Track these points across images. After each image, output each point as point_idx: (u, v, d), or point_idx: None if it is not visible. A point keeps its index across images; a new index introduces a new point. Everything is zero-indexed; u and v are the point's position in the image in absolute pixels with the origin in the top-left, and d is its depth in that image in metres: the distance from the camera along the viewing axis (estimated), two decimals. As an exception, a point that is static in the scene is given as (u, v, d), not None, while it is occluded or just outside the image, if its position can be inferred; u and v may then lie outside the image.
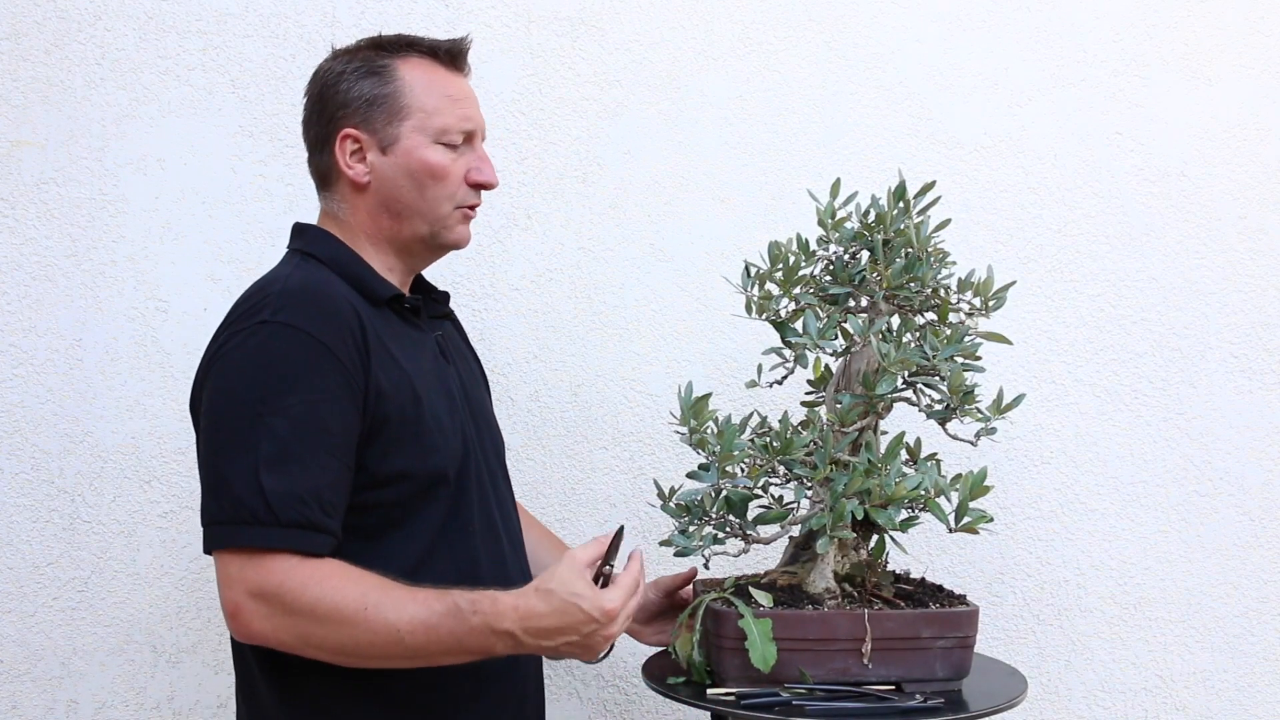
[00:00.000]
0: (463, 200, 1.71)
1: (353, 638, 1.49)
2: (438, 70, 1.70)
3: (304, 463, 1.51)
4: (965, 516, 1.71)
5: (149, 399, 2.22)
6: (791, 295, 1.82)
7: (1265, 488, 2.45)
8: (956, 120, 2.42)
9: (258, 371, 1.53)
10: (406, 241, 1.71)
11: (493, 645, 1.52)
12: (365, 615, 1.49)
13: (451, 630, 1.50)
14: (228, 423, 1.53)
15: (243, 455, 1.50)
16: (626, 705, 2.33)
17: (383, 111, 1.67)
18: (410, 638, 1.49)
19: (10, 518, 2.19)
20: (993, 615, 2.38)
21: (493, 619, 1.50)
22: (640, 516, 2.33)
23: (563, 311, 2.34)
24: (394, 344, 1.64)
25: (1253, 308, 2.46)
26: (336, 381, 1.54)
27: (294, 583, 1.49)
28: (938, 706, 1.64)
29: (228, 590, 1.51)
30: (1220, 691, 2.44)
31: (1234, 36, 2.47)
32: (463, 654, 1.53)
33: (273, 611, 1.49)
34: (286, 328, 1.54)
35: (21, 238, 2.21)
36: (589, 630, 1.51)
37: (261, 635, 1.51)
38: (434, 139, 1.68)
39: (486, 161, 1.73)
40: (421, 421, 1.62)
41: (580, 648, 1.53)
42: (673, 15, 2.37)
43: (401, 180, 1.67)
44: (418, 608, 1.50)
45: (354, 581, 1.51)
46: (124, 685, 2.22)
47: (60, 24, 2.22)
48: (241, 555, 1.50)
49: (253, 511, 1.48)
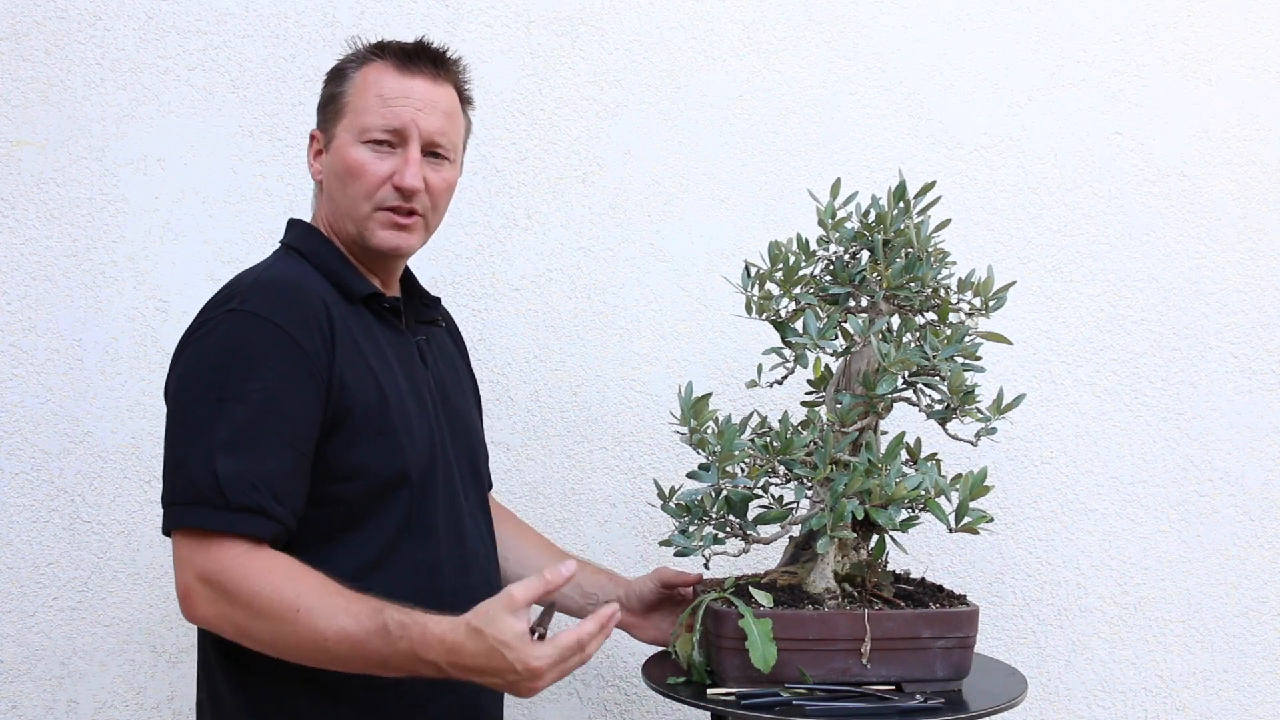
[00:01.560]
0: (381, 201, 1.69)
1: (281, 636, 1.50)
2: (386, 72, 1.71)
3: (259, 449, 1.52)
4: (965, 516, 1.71)
5: (149, 399, 2.22)
6: (791, 295, 1.82)
7: (1265, 488, 2.45)
8: (956, 120, 2.42)
9: (221, 357, 1.56)
10: (347, 240, 1.73)
11: (418, 669, 1.49)
12: (296, 617, 1.48)
13: (377, 649, 1.48)
14: (189, 406, 1.56)
15: (200, 438, 1.52)
16: (626, 705, 2.33)
17: (331, 112, 1.73)
18: (336, 648, 1.48)
19: (10, 518, 2.19)
20: (993, 615, 2.38)
21: (419, 647, 1.46)
22: (640, 516, 2.33)
23: (563, 311, 2.34)
24: (365, 341, 1.65)
25: (1253, 308, 2.46)
26: (299, 370, 1.56)
27: (237, 572, 1.50)
28: (938, 706, 1.64)
29: (180, 571, 1.54)
30: (1220, 691, 2.44)
31: (1234, 36, 2.47)
32: (390, 670, 1.51)
33: (216, 597, 1.51)
34: (252, 316, 1.57)
35: (21, 238, 2.21)
36: (512, 680, 1.46)
37: (205, 620, 1.54)
38: (357, 138, 1.69)
39: (411, 164, 1.68)
40: (386, 419, 1.62)
41: (505, 688, 1.49)
42: (673, 15, 2.37)
43: (332, 178, 1.72)
44: (347, 619, 1.48)
45: (293, 580, 1.50)
46: (124, 685, 2.22)
47: (60, 24, 2.22)
48: (194, 537, 1.52)
49: (204, 493, 1.50)
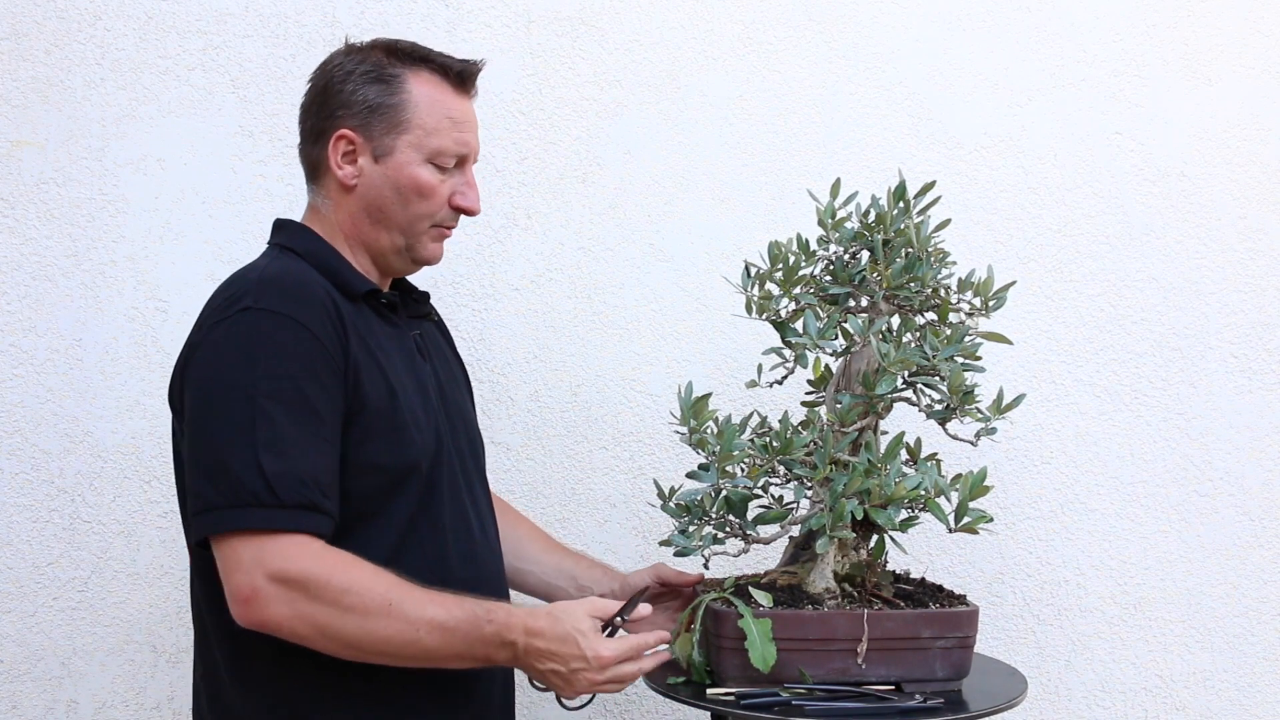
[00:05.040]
0: (441, 221, 1.72)
1: (371, 631, 1.51)
2: (445, 90, 1.70)
3: (299, 445, 1.52)
4: (965, 516, 1.71)
5: (149, 399, 2.22)
6: (791, 295, 1.82)
7: (1265, 488, 2.45)
8: (956, 120, 2.42)
9: (246, 357, 1.54)
10: (382, 249, 1.72)
11: (495, 655, 1.56)
12: (389, 610, 1.50)
13: (465, 635, 1.53)
14: (221, 409, 1.53)
15: (240, 439, 1.50)
16: (626, 705, 2.33)
17: (383, 120, 1.67)
18: (427, 638, 1.52)
19: (10, 518, 2.19)
20: (993, 615, 2.38)
21: (504, 629, 1.54)
22: (640, 516, 2.33)
23: (563, 311, 2.34)
24: (370, 337, 1.65)
25: (1253, 308, 2.46)
26: (322, 365, 1.55)
27: (320, 569, 1.49)
28: (938, 706, 1.64)
29: (240, 575, 1.50)
30: (1220, 691, 2.44)
31: (1234, 36, 2.47)
32: (465, 661, 1.56)
33: (294, 597, 1.49)
34: (270, 314, 1.55)
35: (21, 238, 2.21)
36: (576, 667, 1.56)
37: (276, 621, 1.50)
38: (427, 158, 1.68)
39: (473, 188, 1.73)
40: (396, 413, 1.63)
41: (563, 680, 1.57)
42: (673, 15, 2.37)
43: (387, 191, 1.68)
44: (436, 608, 1.52)
45: (375, 574, 1.53)
46: (124, 685, 2.22)
47: (60, 24, 2.22)
48: (255, 539, 1.50)
49: (256, 494, 1.49)
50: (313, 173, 1.74)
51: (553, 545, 1.99)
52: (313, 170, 1.74)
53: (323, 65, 1.73)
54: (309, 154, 1.74)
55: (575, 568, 1.94)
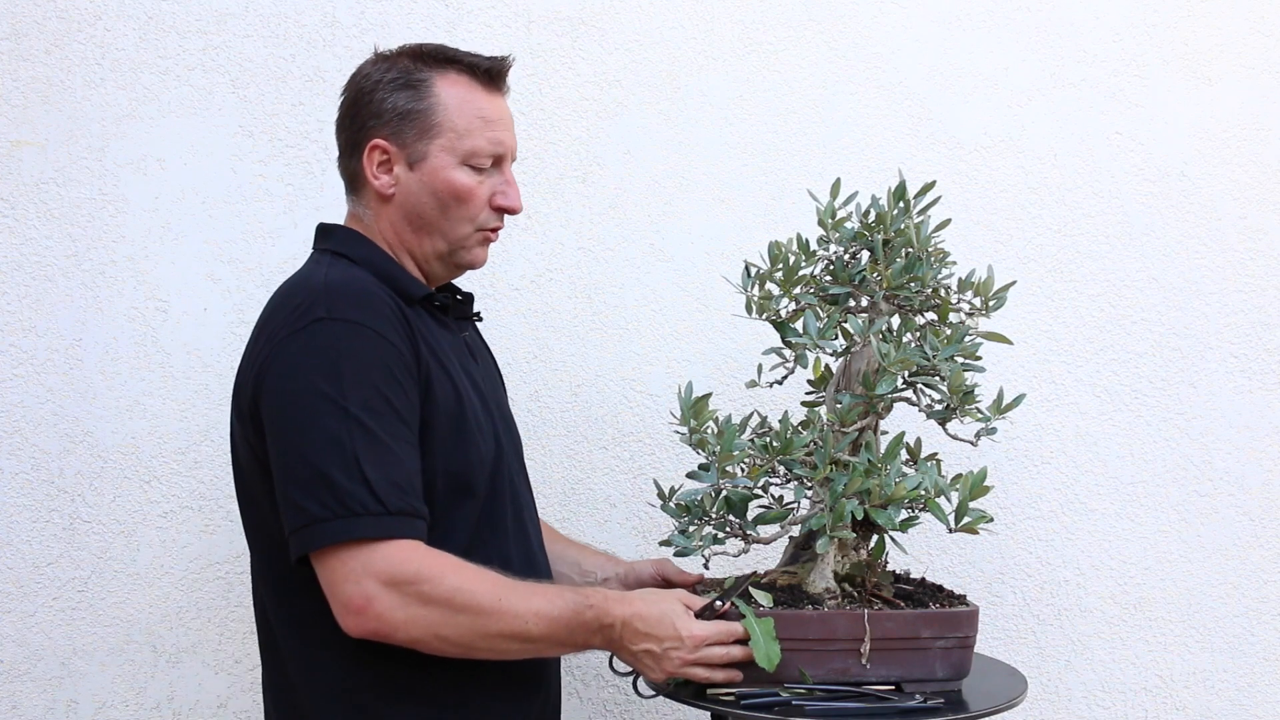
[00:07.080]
0: (484, 223, 1.71)
1: (480, 629, 1.53)
2: (474, 89, 1.69)
3: (394, 453, 1.53)
4: (965, 516, 1.71)
5: (149, 399, 2.22)
6: (791, 295, 1.82)
7: (1265, 488, 2.45)
8: (956, 120, 2.42)
9: (330, 368, 1.53)
10: (425, 255, 1.72)
11: (592, 640, 1.60)
12: (499, 606, 1.53)
13: (567, 623, 1.57)
14: (311, 422, 1.52)
15: (338, 451, 1.50)
16: (626, 705, 2.33)
17: (414, 127, 1.66)
18: (534, 629, 1.55)
19: (10, 518, 2.19)
20: (993, 615, 2.38)
21: (603, 614, 1.59)
22: (640, 516, 2.33)
23: (563, 311, 2.34)
24: (433, 341, 1.65)
25: (1253, 308, 2.46)
26: (401, 372, 1.56)
27: (432, 572, 1.51)
28: (938, 706, 1.64)
29: (351, 584, 1.50)
30: (1220, 691, 2.44)
31: (1234, 36, 2.47)
32: (565, 648, 1.62)
33: (408, 601, 1.50)
34: (347, 323, 1.55)
35: (21, 238, 2.21)
36: (670, 646, 1.60)
37: (391, 627, 1.51)
38: (462, 160, 1.67)
39: (513, 186, 1.73)
40: (464, 419, 1.63)
41: (654, 659, 1.61)
42: (673, 15, 2.37)
43: (425, 198, 1.68)
44: (540, 600, 1.56)
45: (480, 573, 1.55)
46: (124, 685, 2.22)
47: (60, 24, 2.22)
48: (362, 548, 1.50)
49: (363, 504, 1.49)
50: (351, 184, 1.73)
51: (555, 535, 2.00)
52: (351, 182, 1.73)
53: (352, 77, 1.73)
54: (346, 166, 1.73)
55: (579, 556, 1.96)
